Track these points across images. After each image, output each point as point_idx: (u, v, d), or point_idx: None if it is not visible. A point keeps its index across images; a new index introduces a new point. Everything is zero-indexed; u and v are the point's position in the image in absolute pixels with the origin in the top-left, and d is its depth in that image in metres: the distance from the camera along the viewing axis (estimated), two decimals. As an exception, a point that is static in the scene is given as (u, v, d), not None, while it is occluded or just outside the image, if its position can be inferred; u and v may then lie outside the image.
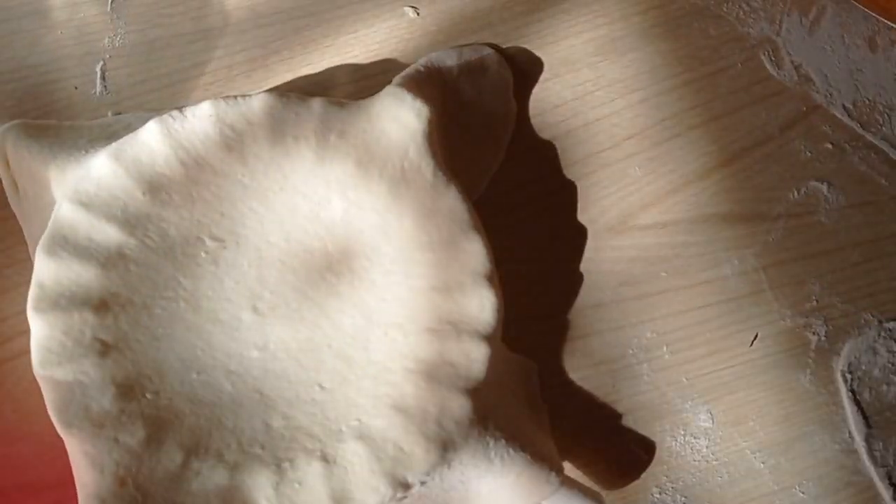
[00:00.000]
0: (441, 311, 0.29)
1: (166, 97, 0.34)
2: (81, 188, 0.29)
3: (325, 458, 0.28)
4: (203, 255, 0.30)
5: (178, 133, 0.29)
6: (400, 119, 0.30)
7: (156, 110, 0.33)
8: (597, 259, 0.35)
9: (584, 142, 0.36)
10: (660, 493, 0.34)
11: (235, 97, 0.30)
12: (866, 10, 0.38)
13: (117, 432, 0.27)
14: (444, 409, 0.28)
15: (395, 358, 0.30)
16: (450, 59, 0.34)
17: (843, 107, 0.37)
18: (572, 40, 0.37)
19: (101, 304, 0.29)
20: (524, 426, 0.31)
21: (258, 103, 0.29)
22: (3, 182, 0.32)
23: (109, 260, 0.29)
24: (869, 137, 0.37)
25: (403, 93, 0.31)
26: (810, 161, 0.37)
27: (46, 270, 0.28)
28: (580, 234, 0.35)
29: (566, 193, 0.36)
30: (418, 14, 0.36)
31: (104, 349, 0.28)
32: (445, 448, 0.28)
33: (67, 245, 0.28)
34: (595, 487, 0.33)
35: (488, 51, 0.35)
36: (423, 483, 0.28)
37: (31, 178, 0.30)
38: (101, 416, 0.27)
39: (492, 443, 0.29)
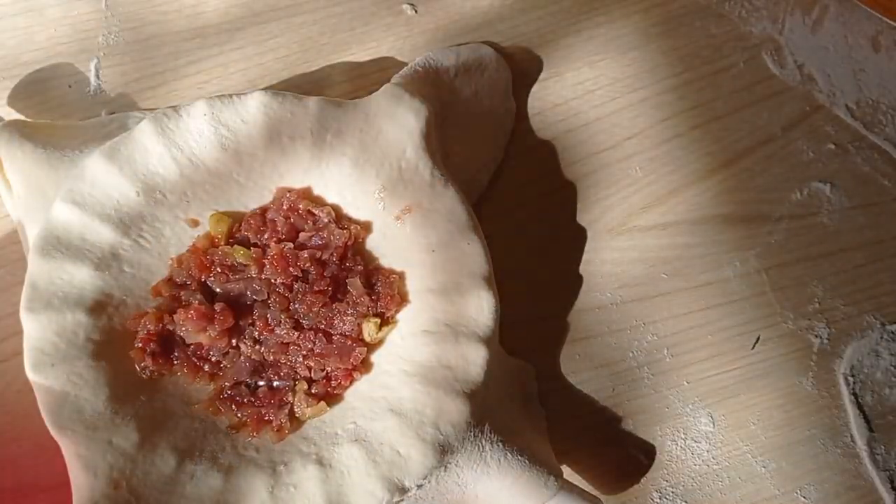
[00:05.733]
0: (438, 313, 0.29)
1: (161, 95, 0.34)
2: (75, 188, 0.28)
3: (320, 462, 0.28)
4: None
5: (173, 132, 0.29)
6: (397, 118, 0.30)
7: (150, 109, 0.33)
8: (596, 260, 0.35)
9: (584, 141, 0.36)
10: (660, 498, 0.34)
11: (231, 96, 0.29)
12: (869, 9, 0.37)
13: (111, 435, 0.27)
14: (441, 412, 0.28)
15: (391, 360, 0.29)
16: (448, 58, 0.34)
17: (846, 107, 0.37)
18: (572, 38, 0.36)
19: (94, 306, 0.28)
20: (522, 430, 0.31)
21: (253, 102, 0.29)
22: (-3, 182, 0.32)
23: (103, 260, 0.28)
24: (872, 138, 0.37)
25: (401, 92, 0.30)
26: (813, 162, 0.37)
27: (40, 271, 0.28)
28: (580, 235, 0.35)
29: (566, 194, 0.35)
30: (416, 12, 0.36)
31: (98, 350, 0.28)
32: (442, 451, 0.27)
33: (61, 245, 0.28)
34: (594, 492, 0.33)
35: (487, 49, 0.35)
36: (419, 486, 0.27)
37: (24, 178, 0.30)
38: (94, 418, 0.27)
39: (489, 446, 0.28)
